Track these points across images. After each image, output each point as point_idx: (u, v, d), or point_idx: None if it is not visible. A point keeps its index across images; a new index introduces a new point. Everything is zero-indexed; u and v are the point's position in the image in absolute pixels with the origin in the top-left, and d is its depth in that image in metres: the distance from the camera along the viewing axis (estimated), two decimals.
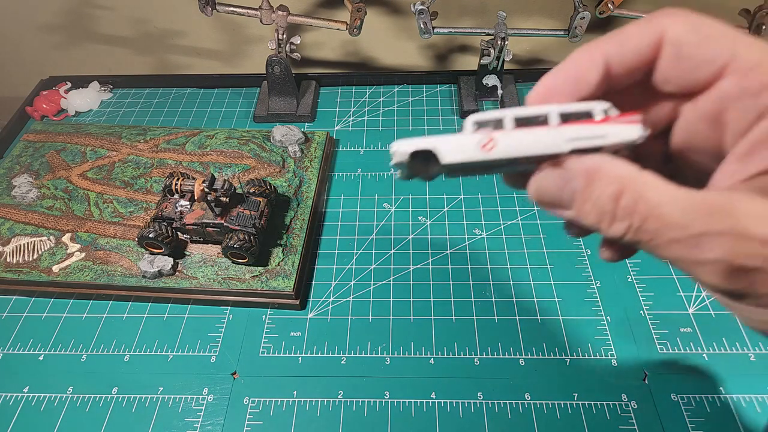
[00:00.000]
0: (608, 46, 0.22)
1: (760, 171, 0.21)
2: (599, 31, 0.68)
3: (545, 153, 0.22)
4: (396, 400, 0.42)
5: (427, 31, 0.59)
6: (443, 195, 0.56)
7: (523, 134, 0.22)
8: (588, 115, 0.22)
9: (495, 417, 0.40)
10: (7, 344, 0.47)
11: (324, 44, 0.71)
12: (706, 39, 0.22)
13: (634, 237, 0.21)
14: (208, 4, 0.58)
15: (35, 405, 0.43)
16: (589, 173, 0.22)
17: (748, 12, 0.56)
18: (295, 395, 0.42)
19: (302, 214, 0.52)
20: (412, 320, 0.46)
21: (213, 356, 0.45)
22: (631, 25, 0.23)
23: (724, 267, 0.20)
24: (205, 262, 0.49)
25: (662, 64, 0.22)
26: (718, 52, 0.21)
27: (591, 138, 0.22)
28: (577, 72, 0.23)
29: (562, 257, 0.50)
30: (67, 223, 0.52)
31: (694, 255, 0.21)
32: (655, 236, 0.21)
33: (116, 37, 0.72)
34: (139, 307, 0.49)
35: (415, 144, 0.23)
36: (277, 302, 0.48)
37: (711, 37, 0.21)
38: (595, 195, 0.22)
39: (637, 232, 0.21)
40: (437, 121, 0.65)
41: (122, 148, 0.59)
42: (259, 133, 0.60)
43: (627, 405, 0.40)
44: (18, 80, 0.75)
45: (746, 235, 0.20)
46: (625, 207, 0.21)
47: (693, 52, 0.22)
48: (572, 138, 0.22)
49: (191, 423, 0.41)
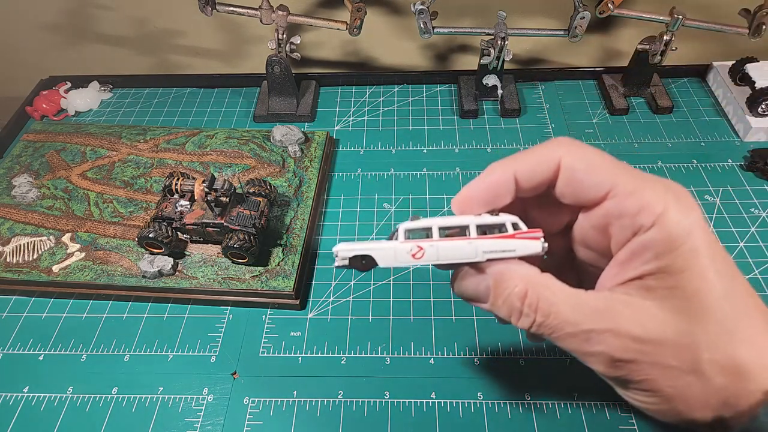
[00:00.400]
0: (518, 166, 0.28)
1: (635, 276, 0.26)
2: (599, 31, 0.68)
3: (465, 261, 0.27)
4: (396, 400, 0.42)
5: (427, 30, 0.59)
6: (443, 195, 0.56)
7: (446, 245, 0.27)
8: (501, 227, 0.27)
9: (495, 417, 0.40)
10: (7, 344, 0.47)
11: (324, 44, 0.71)
12: (593, 168, 0.26)
13: (537, 330, 0.27)
14: (208, 4, 0.58)
15: (35, 405, 0.43)
16: (499, 274, 0.27)
17: (748, 12, 0.56)
18: (295, 395, 0.42)
19: (302, 214, 0.52)
20: (412, 320, 0.46)
21: (213, 356, 0.45)
22: (536, 148, 0.28)
23: (607, 358, 0.26)
24: (205, 262, 0.49)
25: (559, 185, 0.27)
26: (602, 179, 0.26)
27: (503, 251, 0.27)
28: (492, 185, 0.28)
29: None
30: (67, 223, 0.52)
31: (585, 348, 0.26)
32: (554, 330, 0.26)
33: (116, 37, 0.72)
34: (139, 307, 0.49)
35: (355, 250, 0.27)
36: (277, 302, 0.48)
37: (597, 166, 0.26)
38: (506, 293, 0.27)
39: (539, 326, 0.26)
40: (437, 120, 0.65)
41: (122, 148, 0.59)
42: (259, 133, 0.60)
43: (627, 405, 0.40)
44: (18, 80, 0.75)
45: (622, 333, 0.25)
46: (529, 305, 0.26)
47: (582, 178, 0.27)
48: (488, 250, 0.27)
49: (191, 423, 0.41)
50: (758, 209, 0.53)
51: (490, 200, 0.28)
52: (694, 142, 0.61)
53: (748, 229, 0.52)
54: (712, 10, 0.63)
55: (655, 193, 0.25)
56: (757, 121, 0.59)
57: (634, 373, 0.26)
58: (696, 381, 0.25)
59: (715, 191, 0.55)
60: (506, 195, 0.28)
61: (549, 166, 0.27)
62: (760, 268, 0.48)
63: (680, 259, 0.25)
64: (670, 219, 0.25)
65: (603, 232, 0.28)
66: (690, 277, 0.25)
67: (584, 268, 0.32)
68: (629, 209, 0.26)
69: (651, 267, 0.26)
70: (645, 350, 0.25)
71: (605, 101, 0.66)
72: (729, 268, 0.25)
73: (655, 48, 0.60)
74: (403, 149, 0.62)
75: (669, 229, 0.25)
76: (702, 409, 0.26)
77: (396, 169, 0.59)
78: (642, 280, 0.26)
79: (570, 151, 0.27)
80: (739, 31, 0.57)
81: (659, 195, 0.25)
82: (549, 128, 0.63)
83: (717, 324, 0.25)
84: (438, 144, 0.62)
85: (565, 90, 0.68)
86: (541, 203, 0.30)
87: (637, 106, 0.66)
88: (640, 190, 0.26)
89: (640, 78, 0.65)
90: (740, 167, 0.58)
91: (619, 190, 0.26)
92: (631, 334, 0.25)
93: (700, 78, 0.69)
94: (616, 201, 0.26)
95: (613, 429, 0.39)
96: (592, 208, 0.27)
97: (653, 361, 0.25)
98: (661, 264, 0.25)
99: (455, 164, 0.60)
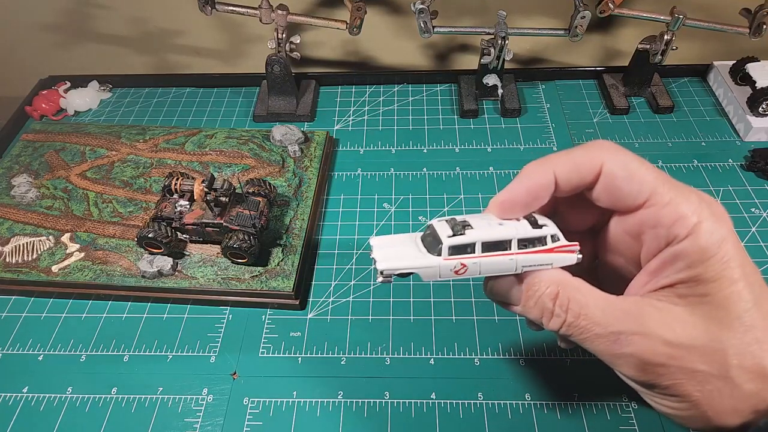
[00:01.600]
0: (559, 169, 0.28)
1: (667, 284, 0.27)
2: (600, 31, 0.68)
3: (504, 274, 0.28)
4: (396, 401, 0.41)
5: (427, 30, 0.59)
6: (443, 195, 0.56)
7: (488, 261, 0.27)
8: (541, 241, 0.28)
9: (495, 417, 0.40)
10: (6, 344, 0.46)
11: (324, 44, 0.71)
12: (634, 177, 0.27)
13: (567, 331, 0.27)
14: (208, 4, 0.58)
15: (35, 405, 0.43)
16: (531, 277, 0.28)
17: (749, 11, 0.56)
18: (295, 395, 0.42)
19: (302, 214, 0.52)
20: (412, 320, 0.46)
21: (212, 356, 0.45)
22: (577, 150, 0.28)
23: (636, 361, 0.26)
24: (204, 262, 0.49)
25: (598, 189, 0.28)
26: (641, 188, 0.27)
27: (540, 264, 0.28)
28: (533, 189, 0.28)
29: None
30: (66, 222, 0.52)
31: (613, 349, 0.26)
32: (583, 331, 0.27)
33: (116, 36, 0.72)
34: (139, 307, 0.49)
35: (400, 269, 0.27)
36: (276, 302, 0.48)
37: (637, 175, 0.27)
38: (537, 294, 0.28)
39: (569, 326, 0.27)
40: (437, 120, 0.65)
41: (121, 148, 0.59)
42: (258, 133, 0.60)
43: (627, 405, 0.40)
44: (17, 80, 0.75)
45: (652, 335, 0.26)
46: (560, 305, 0.27)
47: (622, 186, 0.27)
48: (527, 264, 0.28)
49: (191, 423, 0.41)
50: (759, 209, 0.53)
51: (529, 203, 0.29)
52: (695, 142, 0.61)
53: (749, 229, 0.51)
54: (712, 10, 0.63)
55: (690, 204, 0.26)
56: (758, 120, 0.59)
57: (662, 378, 0.27)
58: (725, 386, 0.26)
59: (715, 191, 0.55)
60: (545, 198, 0.29)
61: (590, 170, 0.28)
62: (760, 268, 0.48)
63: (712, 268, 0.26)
64: (704, 230, 0.25)
65: (636, 238, 0.28)
66: (721, 285, 0.25)
67: (606, 275, 0.32)
68: (665, 219, 0.26)
69: (683, 276, 0.26)
70: (674, 354, 0.26)
71: (606, 101, 0.66)
72: (758, 278, 0.26)
73: (655, 47, 0.60)
74: (403, 149, 0.62)
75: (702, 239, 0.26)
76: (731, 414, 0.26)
77: (396, 168, 0.59)
78: (673, 288, 0.27)
79: (612, 156, 0.27)
80: (740, 31, 0.57)
81: (694, 206, 0.26)
82: (549, 128, 0.63)
83: (746, 331, 0.25)
84: (438, 144, 0.62)
85: (566, 90, 0.68)
86: (573, 202, 0.30)
87: (637, 106, 0.65)
88: (676, 201, 0.26)
89: (640, 77, 0.65)
90: (741, 167, 0.57)
91: (656, 200, 0.27)
92: (661, 337, 0.26)
93: (701, 78, 0.69)
94: (653, 210, 0.27)
95: (613, 429, 0.39)
96: (627, 214, 0.28)
97: (682, 365, 0.26)
98: (693, 273, 0.26)
99: (455, 164, 0.59)
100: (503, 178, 0.58)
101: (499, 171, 0.58)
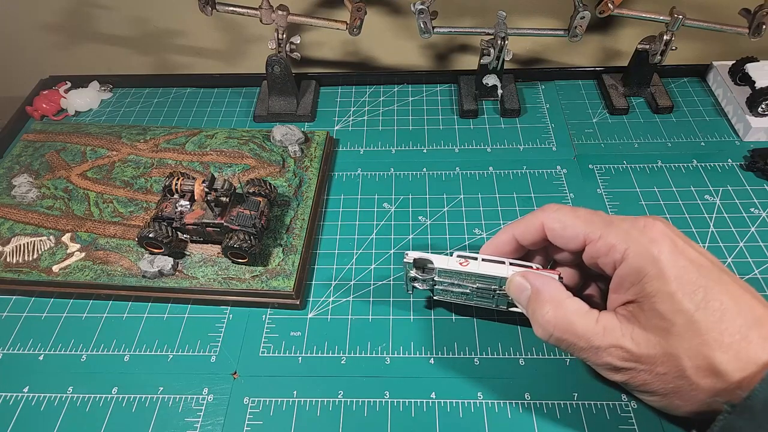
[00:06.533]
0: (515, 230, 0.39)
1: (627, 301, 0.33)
2: (599, 31, 0.68)
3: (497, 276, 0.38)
4: (396, 400, 0.42)
5: (427, 30, 0.59)
6: (443, 195, 0.56)
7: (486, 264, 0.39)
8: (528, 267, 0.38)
9: (495, 417, 0.40)
10: (7, 344, 0.47)
11: (324, 44, 0.71)
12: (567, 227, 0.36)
13: (556, 344, 0.34)
14: (208, 4, 0.58)
15: (35, 405, 0.43)
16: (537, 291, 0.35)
17: (749, 11, 0.56)
18: (295, 395, 0.42)
19: (302, 214, 0.52)
20: (412, 320, 0.46)
21: (213, 356, 0.45)
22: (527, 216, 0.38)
23: (612, 367, 0.33)
24: (205, 262, 0.49)
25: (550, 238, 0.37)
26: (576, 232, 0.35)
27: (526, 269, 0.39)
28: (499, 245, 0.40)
29: None
30: (67, 222, 0.52)
31: (595, 359, 0.33)
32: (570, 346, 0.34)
33: (116, 36, 0.72)
34: (139, 307, 0.49)
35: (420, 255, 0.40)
36: (277, 302, 0.48)
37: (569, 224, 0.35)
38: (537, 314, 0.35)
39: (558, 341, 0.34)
40: (437, 120, 0.65)
41: (122, 148, 0.59)
42: (259, 133, 0.60)
43: (627, 405, 0.40)
44: (18, 80, 0.75)
45: (623, 347, 0.32)
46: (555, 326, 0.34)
47: (561, 234, 0.36)
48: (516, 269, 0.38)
49: (191, 423, 0.41)
50: (758, 209, 0.53)
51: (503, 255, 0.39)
52: (694, 142, 0.61)
53: (748, 229, 0.52)
54: (712, 10, 0.63)
55: (617, 235, 0.33)
56: (757, 120, 0.59)
57: (633, 379, 0.33)
58: (685, 384, 0.31)
59: (715, 191, 0.55)
60: (513, 251, 0.40)
61: (536, 228, 0.37)
62: (760, 267, 0.48)
63: (650, 285, 0.31)
64: (632, 254, 0.32)
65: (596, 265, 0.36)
66: (662, 299, 0.31)
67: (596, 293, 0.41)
68: (601, 251, 0.34)
69: (630, 295, 0.33)
70: (639, 361, 0.32)
71: (605, 101, 0.66)
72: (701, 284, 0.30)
73: (655, 48, 0.60)
74: (403, 149, 0.62)
75: (633, 262, 0.32)
76: (696, 403, 0.32)
77: (396, 169, 0.59)
78: (633, 303, 0.33)
79: (549, 216, 0.36)
80: (739, 31, 0.57)
81: (621, 236, 0.33)
82: (549, 128, 0.63)
83: (692, 337, 0.30)
84: (438, 144, 0.62)
85: (565, 90, 0.68)
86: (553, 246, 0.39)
87: (637, 106, 0.66)
88: (605, 235, 0.33)
89: (640, 78, 0.65)
90: (740, 167, 0.58)
91: (591, 237, 0.34)
92: (629, 350, 0.32)
93: (700, 78, 0.69)
94: (592, 245, 0.35)
95: (613, 429, 0.39)
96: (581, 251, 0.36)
97: (647, 369, 0.32)
98: (636, 290, 0.32)
99: (455, 164, 0.60)
100: (503, 178, 0.58)
101: (498, 171, 0.58)
